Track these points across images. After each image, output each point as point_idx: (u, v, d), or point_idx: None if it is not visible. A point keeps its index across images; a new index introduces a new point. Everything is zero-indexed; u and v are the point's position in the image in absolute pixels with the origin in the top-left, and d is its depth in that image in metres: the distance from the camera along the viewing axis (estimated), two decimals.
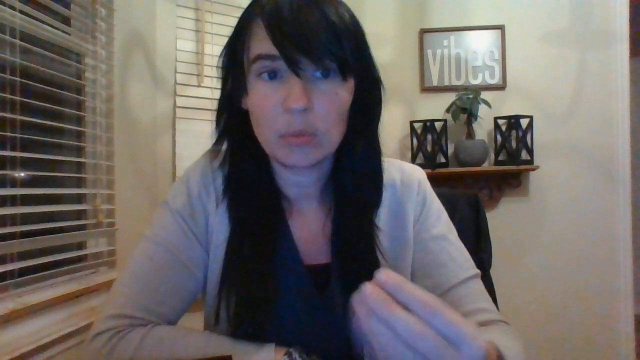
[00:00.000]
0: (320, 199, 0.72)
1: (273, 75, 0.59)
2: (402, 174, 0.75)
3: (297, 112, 0.58)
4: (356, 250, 0.66)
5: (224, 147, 0.71)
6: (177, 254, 0.67)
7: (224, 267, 0.66)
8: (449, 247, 0.71)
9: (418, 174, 0.76)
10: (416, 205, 0.73)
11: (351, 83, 0.63)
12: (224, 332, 0.64)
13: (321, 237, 0.69)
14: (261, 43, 0.59)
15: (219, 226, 0.68)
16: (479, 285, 0.70)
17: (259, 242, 0.65)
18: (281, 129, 0.60)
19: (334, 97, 0.60)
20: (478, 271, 0.71)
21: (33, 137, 1.16)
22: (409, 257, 0.71)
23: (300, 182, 0.70)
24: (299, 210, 0.71)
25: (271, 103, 0.59)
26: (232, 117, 0.67)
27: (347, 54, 0.58)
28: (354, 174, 0.68)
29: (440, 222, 0.73)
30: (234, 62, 0.64)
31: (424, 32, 2.34)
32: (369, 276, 0.55)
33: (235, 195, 0.68)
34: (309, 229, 0.70)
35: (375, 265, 0.66)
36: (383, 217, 0.71)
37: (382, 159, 0.71)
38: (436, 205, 0.75)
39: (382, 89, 0.67)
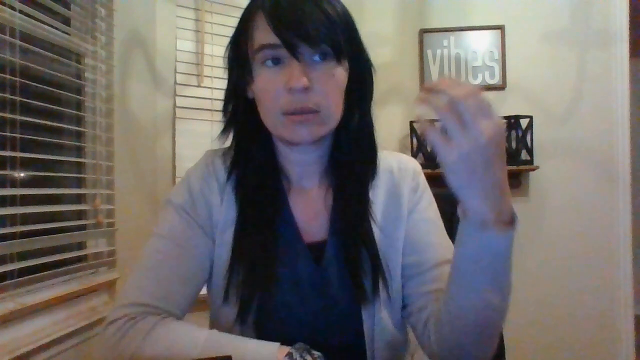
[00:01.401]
0: (321, 178, 0.77)
1: (276, 61, 0.66)
2: (400, 162, 0.81)
3: (298, 92, 0.64)
4: (353, 223, 0.73)
5: (225, 147, 0.77)
6: (182, 244, 0.70)
7: (233, 245, 0.71)
8: (437, 231, 0.78)
9: (413, 164, 0.82)
10: (411, 189, 0.79)
11: (345, 65, 0.70)
12: (232, 309, 0.69)
13: (320, 216, 0.75)
14: (264, 34, 0.65)
15: (225, 212, 0.73)
16: None
17: (262, 221, 0.71)
18: (284, 106, 0.66)
19: (331, 77, 0.67)
20: None
21: (33, 137, 1.16)
22: (402, 232, 0.76)
23: (303, 161, 0.76)
24: (301, 191, 0.76)
25: (275, 85, 0.66)
26: (238, 105, 0.74)
27: (340, 38, 0.66)
28: (350, 147, 0.75)
29: (431, 208, 0.79)
30: (239, 53, 0.71)
31: (424, 32, 2.34)
32: (363, 249, 0.71)
33: (240, 176, 0.74)
34: (310, 208, 0.76)
35: (370, 236, 0.73)
36: (380, 196, 0.77)
37: (376, 138, 0.77)
38: (428, 193, 0.81)
39: (373, 70, 0.75)
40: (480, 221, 0.54)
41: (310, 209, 0.76)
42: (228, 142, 0.77)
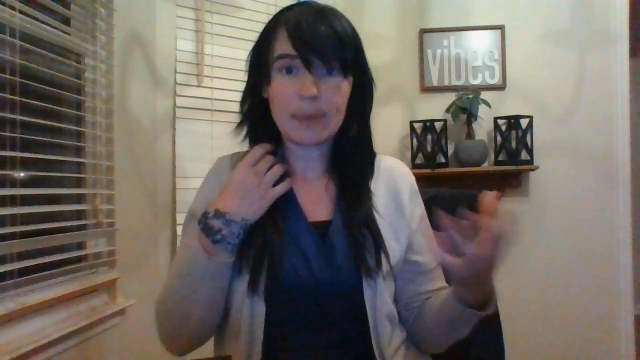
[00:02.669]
0: (324, 172, 0.88)
1: (290, 70, 0.76)
2: (396, 164, 0.93)
3: (308, 99, 0.75)
4: (356, 205, 0.82)
5: (232, 154, 0.90)
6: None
7: None
8: (432, 235, 0.86)
9: (407, 169, 0.93)
10: (409, 190, 0.89)
11: (350, 79, 0.80)
12: (244, 280, 0.77)
13: (324, 201, 0.84)
14: (284, 45, 0.76)
15: None
16: (441, 268, 0.90)
17: None
18: (294, 111, 0.77)
19: (337, 89, 0.77)
20: None
21: (33, 137, 1.16)
22: (405, 226, 0.86)
23: (307, 156, 0.86)
24: (304, 180, 0.86)
25: (288, 91, 0.76)
26: (254, 103, 0.84)
27: (348, 57, 0.76)
28: (350, 149, 0.85)
29: (425, 214, 0.90)
30: (260, 58, 0.82)
31: (424, 32, 2.34)
32: (365, 228, 0.81)
33: None
34: (313, 194, 0.85)
35: (372, 218, 0.82)
36: (381, 190, 0.86)
37: (374, 144, 0.88)
38: (420, 198, 0.91)
39: (374, 87, 0.85)
40: (466, 302, 0.72)
41: (313, 195, 0.85)
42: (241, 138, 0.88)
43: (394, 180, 0.88)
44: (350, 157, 0.85)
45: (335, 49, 0.74)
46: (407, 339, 0.87)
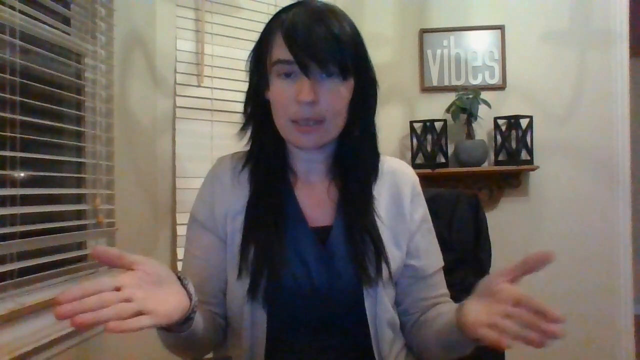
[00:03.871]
0: (326, 174, 0.86)
1: (288, 75, 0.75)
2: (400, 165, 0.91)
3: (306, 104, 0.73)
4: (357, 211, 0.81)
5: (232, 154, 0.89)
6: (197, 254, 0.84)
7: (244, 227, 0.80)
8: (433, 239, 0.89)
9: (411, 170, 0.92)
10: (412, 192, 0.87)
11: (351, 82, 0.78)
12: (244, 285, 0.76)
13: (325, 205, 0.83)
14: (280, 50, 0.74)
15: (235, 202, 0.83)
16: (443, 274, 0.90)
17: (269, 206, 0.81)
18: (292, 115, 0.75)
19: (336, 93, 0.75)
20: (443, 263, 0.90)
21: (33, 137, 1.16)
22: (405, 231, 0.84)
23: (310, 159, 0.85)
24: (307, 183, 0.85)
25: (286, 96, 0.75)
26: (257, 106, 0.83)
27: (346, 59, 0.74)
28: (353, 151, 0.83)
29: (428, 217, 0.90)
30: (259, 62, 0.81)
31: (424, 32, 2.34)
32: (366, 235, 0.80)
33: (253, 168, 0.84)
34: (315, 198, 0.84)
35: (373, 224, 0.81)
36: (383, 194, 0.85)
37: (379, 145, 0.86)
38: (424, 201, 0.90)
39: (377, 87, 0.83)
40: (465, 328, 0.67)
41: (315, 199, 0.84)
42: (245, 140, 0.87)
43: (396, 184, 0.87)
44: (354, 159, 0.83)
45: (333, 52, 0.72)
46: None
